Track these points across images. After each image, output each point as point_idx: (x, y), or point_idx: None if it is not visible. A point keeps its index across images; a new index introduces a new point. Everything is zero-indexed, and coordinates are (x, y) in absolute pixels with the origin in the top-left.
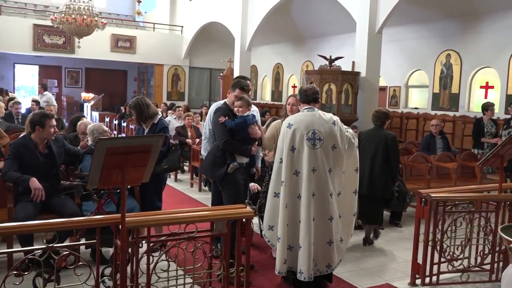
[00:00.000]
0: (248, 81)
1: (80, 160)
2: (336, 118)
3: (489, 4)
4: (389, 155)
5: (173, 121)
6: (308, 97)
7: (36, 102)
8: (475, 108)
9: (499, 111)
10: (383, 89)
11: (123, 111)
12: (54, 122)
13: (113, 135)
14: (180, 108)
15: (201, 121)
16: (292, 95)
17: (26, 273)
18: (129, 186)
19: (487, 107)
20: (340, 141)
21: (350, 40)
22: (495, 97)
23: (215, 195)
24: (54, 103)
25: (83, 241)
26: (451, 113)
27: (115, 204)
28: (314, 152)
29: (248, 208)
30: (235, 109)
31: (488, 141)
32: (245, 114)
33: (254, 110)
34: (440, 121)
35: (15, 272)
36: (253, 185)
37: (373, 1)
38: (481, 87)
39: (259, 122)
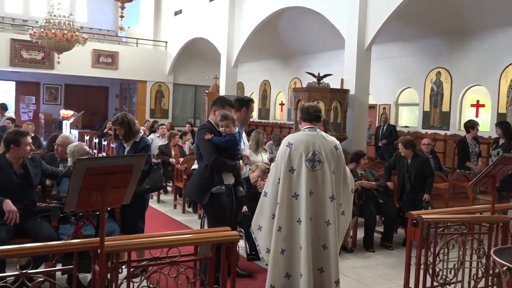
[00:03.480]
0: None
1: (58, 182)
2: (338, 143)
3: (477, 22)
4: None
5: (156, 140)
6: (311, 116)
7: (11, 119)
8: None
9: (490, 130)
10: (372, 107)
11: (105, 129)
12: (29, 140)
13: (93, 155)
14: (164, 126)
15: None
16: None
17: None
18: (109, 208)
19: (474, 125)
20: (336, 168)
21: (339, 57)
22: (486, 116)
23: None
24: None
25: (59, 266)
26: (442, 132)
27: (94, 227)
28: (312, 174)
29: (234, 231)
30: (221, 129)
31: (472, 166)
32: (233, 132)
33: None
34: (431, 140)
35: None
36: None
37: (361, 18)
38: (472, 105)
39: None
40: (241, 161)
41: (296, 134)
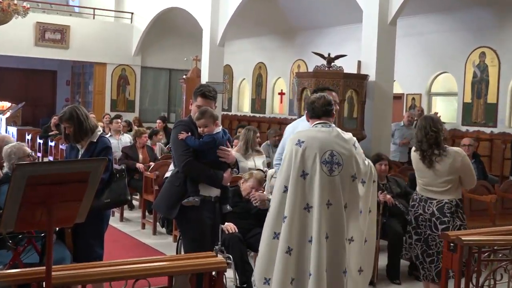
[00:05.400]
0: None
1: None
2: (355, 139)
3: None
4: None
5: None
6: (316, 111)
7: None
8: None
9: None
10: (398, 97)
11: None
12: None
13: (36, 158)
14: (118, 120)
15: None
16: None
17: None
18: (57, 229)
19: None
20: (358, 171)
21: (355, 33)
22: None
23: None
24: None
25: None
26: (487, 130)
27: (38, 253)
28: (331, 180)
29: (220, 257)
30: (199, 129)
31: None
32: (214, 132)
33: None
34: (474, 140)
35: None
36: (228, 225)
37: None
38: None
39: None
40: (227, 171)
41: (306, 130)
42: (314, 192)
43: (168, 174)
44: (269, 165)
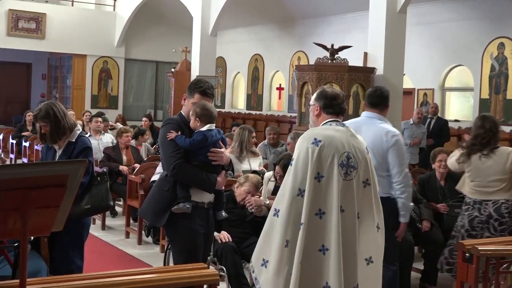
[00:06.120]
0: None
1: None
2: (366, 144)
3: None
4: None
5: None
6: (338, 107)
7: None
8: None
9: None
10: (409, 92)
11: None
12: None
13: (5, 160)
14: (99, 119)
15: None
16: None
17: None
18: (32, 238)
19: None
20: (371, 177)
21: (361, 22)
22: None
23: None
24: None
25: None
26: (507, 128)
27: (11, 265)
28: (346, 184)
29: (212, 269)
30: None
31: None
32: (205, 129)
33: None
34: None
35: None
36: (222, 234)
37: None
38: None
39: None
40: (221, 174)
41: (321, 128)
42: (330, 197)
43: (154, 177)
44: (267, 167)
